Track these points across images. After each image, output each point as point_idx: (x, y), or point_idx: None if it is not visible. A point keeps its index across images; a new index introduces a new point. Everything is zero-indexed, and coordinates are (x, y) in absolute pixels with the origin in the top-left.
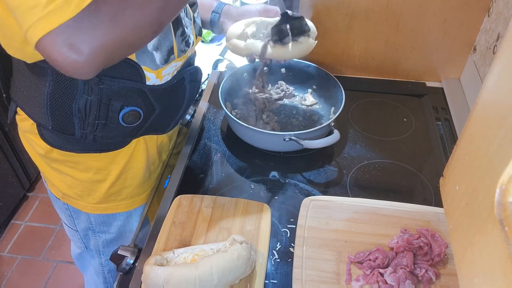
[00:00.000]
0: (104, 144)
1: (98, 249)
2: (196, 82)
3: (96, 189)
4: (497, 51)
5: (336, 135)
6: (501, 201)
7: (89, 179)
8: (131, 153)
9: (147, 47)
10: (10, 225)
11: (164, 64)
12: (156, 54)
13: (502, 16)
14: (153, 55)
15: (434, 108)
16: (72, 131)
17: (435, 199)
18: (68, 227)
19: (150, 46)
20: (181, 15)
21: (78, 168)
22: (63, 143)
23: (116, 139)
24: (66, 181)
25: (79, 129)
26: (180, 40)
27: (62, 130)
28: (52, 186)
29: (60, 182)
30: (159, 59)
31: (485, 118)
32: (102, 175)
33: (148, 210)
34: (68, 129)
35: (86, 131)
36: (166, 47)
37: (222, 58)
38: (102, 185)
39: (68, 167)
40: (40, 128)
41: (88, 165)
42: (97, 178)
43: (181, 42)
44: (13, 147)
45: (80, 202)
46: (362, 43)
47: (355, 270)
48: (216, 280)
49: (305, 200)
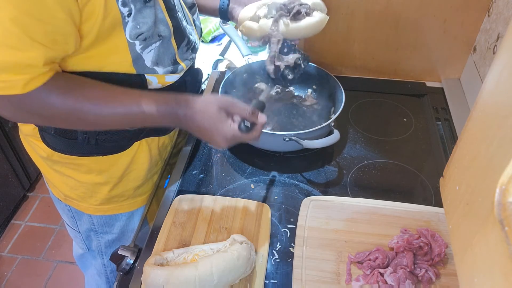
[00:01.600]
0: (107, 148)
1: (100, 250)
2: (196, 83)
3: (99, 191)
4: (497, 51)
5: (336, 135)
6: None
7: (91, 181)
8: (133, 155)
9: (146, 64)
10: (10, 225)
11: (170, 73)
12: (158, 68)
13: (502, 16)
14: (154, 69)
15: (434, 108)
16: (75, 135)
17: (435, 199)
18: (71, 228)
19: (149, 62)
20: (183, 24)
21: (80, 170)
22: (66, 147)
23: (118, 143)
24: (68, 183)
25: (81, 133)
26: (185, 50)
27: (64, 134)
28: (54, 188)
29: (62, 184)
30: (163, 71)
31: (485, 118)
32: (104, 177)
33: (148, 211)
34: (71, 134)
35: (89, 135)
36: (169, 60)
37: (222, 58)
38: (104, 187)
39: (70, 170)
40: (42, 133)
41: (90, 168)
42: (99, 180)
43: (186, 51)
44: (13, 147)
45: (82, 203)
46: (362, 43)
47: (355, 270)
48: (216, 280)
49: (305, 200)
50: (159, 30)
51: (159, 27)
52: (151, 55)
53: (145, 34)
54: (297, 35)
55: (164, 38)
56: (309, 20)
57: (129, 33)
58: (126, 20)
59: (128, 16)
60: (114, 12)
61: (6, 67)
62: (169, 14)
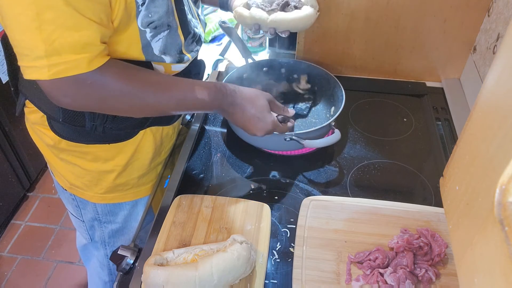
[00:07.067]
0: (113, 136)
1: (103, 240)
2: (199, 75)
3: (104, 179)
4: (497, 51)
5: (337, 135)
6: (501, 201)
7: (97, 169)
8: (138, 143)
9: (154, 52)
10: (10, 225)
11: (177, 63)
12: (165, 57)
13: (502, 16)
14: (162, 58)
15: (434, 108)
16: (83, 123)
17: (435, 199)
18: (75, 217)
19: (157, 51)
20: (188, 18)
21: (86, 158)
22: (73, 134)
23: (125, 131)
24: (74, 171)
25: (89, 121)
26: (190, 42)
27: (73, 122)
28: (60, 177)
29: (68, 173)
30: (170, 60)
31: (485, 118)
32: (110, 165)
33: (152, 200)
34: (79, 121)
35: (96, 123)
36: (175, 50)
37: (222, 58)
38: (110, 175)
39: (76, 157)
40: (50, 121)
41: (96, 156)
42: (105, 168)
43: (192, 43)
44: (13, 147)
45: (88, 192)
46: (362, 43)
47: (355, 270)
48: (216, 280)
49: (305, 200)
50: (169, 20)
51: (170, 17)
52: (159, 44)
53: (156, 22)
54: (285, 27)
55: (172, 28)
56: (297, 14)
57: (140, 21)
58: (139, 9)
59: (142, 5)
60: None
61: (68, 47)
62: (176, 7)
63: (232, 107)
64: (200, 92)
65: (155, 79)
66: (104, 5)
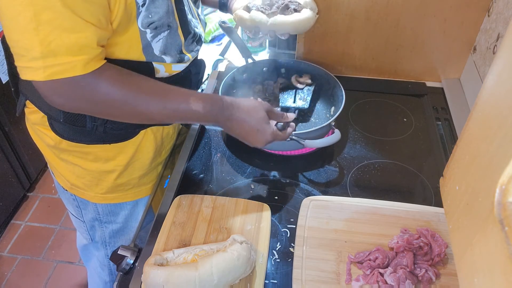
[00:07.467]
0: (114, 136)
1: (104, 240)
2: (199, 74)
3: (105, 179)
4: (497, 51)
5: (337, 135)
6: (501, 201)
7: (97, 169)
8: (139, 143)
9: (154, 52)
10: (10, 225)
11: (177, 63)
12: (166, 57)
13: (502, 16)
14: (162, 58)
15: (434, 108)
16: (83, 123)
17: (435, 199)
18: (75, 217)
19: (157, 51)
20: (188, 18)
21: (87, 158)
22: (74, 134)
23: (125, 130)
24: (75, 172)
25: (90, 121)
26: (190, 42)
27: (74, 122)
28: (60, 177)
29: (69, 173)
30: (170, 60)
31: (485, 118)
32: (110, 165)
33: (152, 200)
34: (80, 121)
35: (97, 123)
36: (175, 50)
37: (222, 58)
38: (111, 175)
39: (77, 158)
40: (51, 121)
41: (97, 156)
42: (106, 168)
43: (192, 43)
44: (13, 147)
45: (88, 192)
46: (362, 43)
47: (355, 270)
48: (216, 280)
49: (305, 200)
50: (169, 20)
51: (170, 17)
52: (160, 44)
53: (156, 23)
54: (284, 30)
55: (172, 28)
56: (297, 16)
57: (141, 22)
58: (140, 10)
59: (142, 6)
60: (130, 1)
61: (65, 49)
62: (177, 7)
63: (229, 121)
64: (195, 104)
65: (149, 86)
66: (102, 6)
